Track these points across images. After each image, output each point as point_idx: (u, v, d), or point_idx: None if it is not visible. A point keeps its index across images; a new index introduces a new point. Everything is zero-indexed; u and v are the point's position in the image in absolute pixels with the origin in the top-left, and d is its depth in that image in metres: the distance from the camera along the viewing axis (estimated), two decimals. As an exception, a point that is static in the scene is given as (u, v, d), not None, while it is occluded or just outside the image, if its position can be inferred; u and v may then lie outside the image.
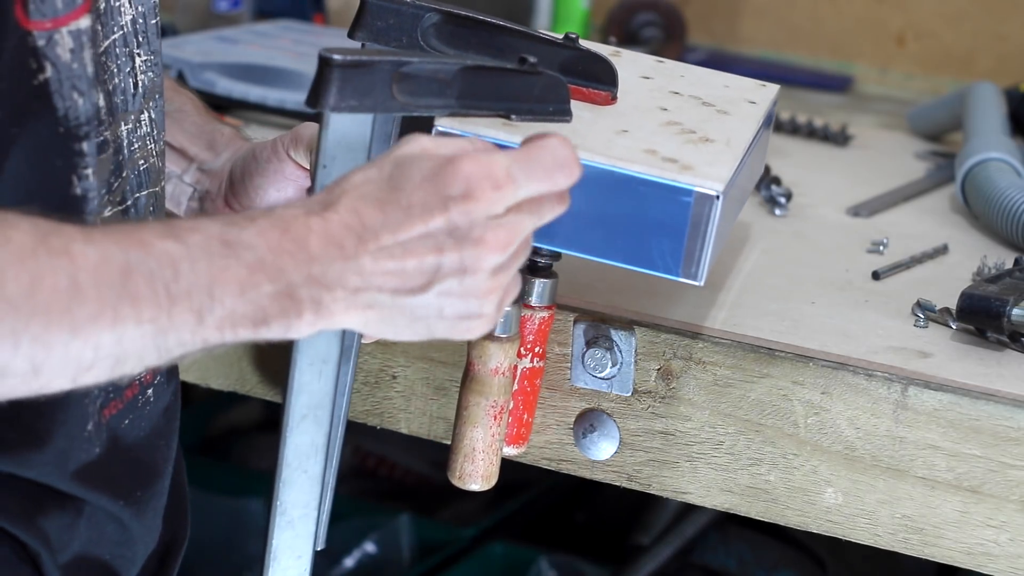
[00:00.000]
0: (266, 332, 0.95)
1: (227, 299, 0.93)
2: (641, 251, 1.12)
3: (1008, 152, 1.64)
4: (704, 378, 1.26)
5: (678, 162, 1.12)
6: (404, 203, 0.98)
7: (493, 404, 1.21)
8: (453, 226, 0.99)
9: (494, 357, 1.21)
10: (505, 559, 2.18)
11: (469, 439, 1.22)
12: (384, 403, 1.35)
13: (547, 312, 1.24)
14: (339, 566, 2.19)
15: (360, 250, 0.97)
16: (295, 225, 0.96)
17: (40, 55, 1.01)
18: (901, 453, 1.21)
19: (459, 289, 1.00)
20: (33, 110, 1.02)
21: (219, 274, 0.93)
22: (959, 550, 1.21)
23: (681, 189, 1.11)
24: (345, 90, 1.04)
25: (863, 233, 1.57)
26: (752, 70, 2.39)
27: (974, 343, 1.27)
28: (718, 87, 1.32)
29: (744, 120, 1.24)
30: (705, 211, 1.11)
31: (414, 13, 1.17)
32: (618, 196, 1.11)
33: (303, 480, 1.14)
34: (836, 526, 1.24)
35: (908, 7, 2.43)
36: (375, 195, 0.98)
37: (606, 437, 1.29)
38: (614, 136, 1.15)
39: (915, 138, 2.03)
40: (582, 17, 2.39)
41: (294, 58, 1.88)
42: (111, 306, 0.90)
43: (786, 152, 1.87)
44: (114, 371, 0.92)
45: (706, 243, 1.11)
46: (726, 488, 1.26)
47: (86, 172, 1.06)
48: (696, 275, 1.12)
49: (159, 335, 0.92)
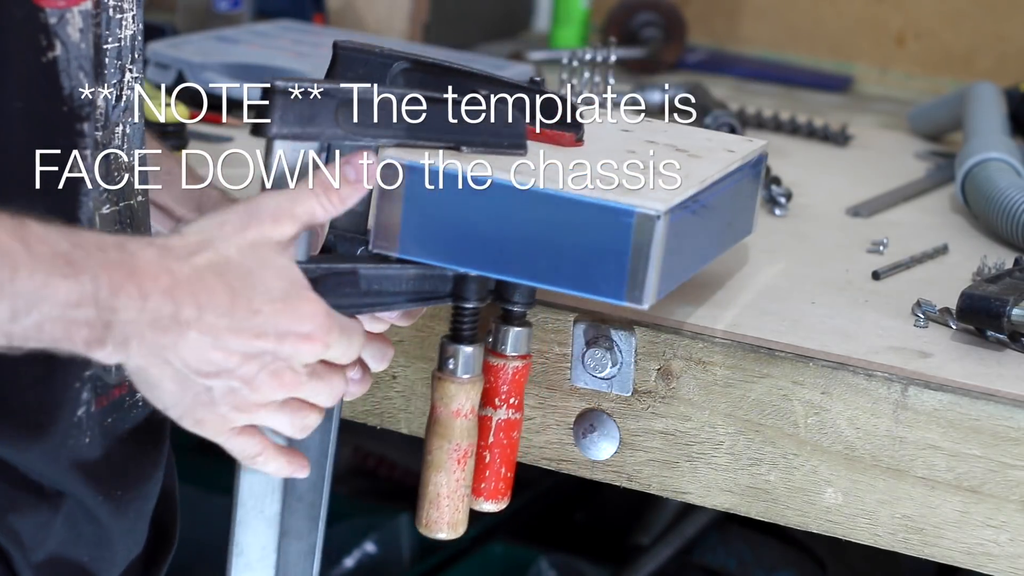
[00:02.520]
0: (64, 348, 0.98)
1: (45, 312, 0.96)
2: (585, 276, 1.11)
3: (1008, 152, 1.64)
4: (704, 378, 1.26)
5: (623, 187, 1.12)
6: (254, 306, 1.02)
7: (456, 447, 1.20)
8: (275, 354, 1.03)
9: (455, 399, 1.19)
10: (505, 559, 2.18)
11: (433, 485, 1.20)
12: (384, 403, 1.35)
13: (521, 362, 1.22)
14: (339, 566, 2.19)
15: (193, 323, 1.00)
16: (144, 270, 0.99)
17: (51, 33, 1.04)
18: (901, 453, 1.21)
19: (230, 392, 1.04)
20: (40, 87, 1.05)
21: (49, 291, 0.96)
22: (959, 550, 1.21)
23: (622, 210, 1.10)
24: (287, 117, 1.07)
25: (863, 233, 1.57)
26: (752, 70, 2.40)
27: (974, 343, 1.27)
28: (700, 139, 1.31)
29: (714, 163, 1.23)
30: (647, 233, 1.09)
31: (383, 62, 1.19)
32: (561, 221, 1.11)
33: (259, 521, 1.15)
34: (836, 526, 1.24)
35: (908, 7, 2.43)
36: (230, 280, 1.02)
37: (606, 437, 1.29)
38: (567, 168, 1.14)
39: (915, 138, 2.03)
40: (582, 17, 2.39)
41: (294, 58, 1.88)
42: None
43: (786, 152, 1.87)
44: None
45: (649, 266, 1.10)
46: (726, 488, 1.26)
47: (85, 152, 1.08)
48: (640, 299, 1.11)
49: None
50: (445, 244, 1.13)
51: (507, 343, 1.21)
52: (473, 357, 1.19)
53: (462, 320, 1.18)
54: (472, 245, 1.12)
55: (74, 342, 0.98)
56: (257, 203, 1.05)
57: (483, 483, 1.23)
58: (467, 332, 1.18)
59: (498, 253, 1.11)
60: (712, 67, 2.39)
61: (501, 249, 1.11)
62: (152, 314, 0.99)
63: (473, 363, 1.19)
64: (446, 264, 1.13)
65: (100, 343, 0.98)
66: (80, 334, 0.97)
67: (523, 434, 1.31)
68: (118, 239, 1.00)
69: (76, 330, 0.97)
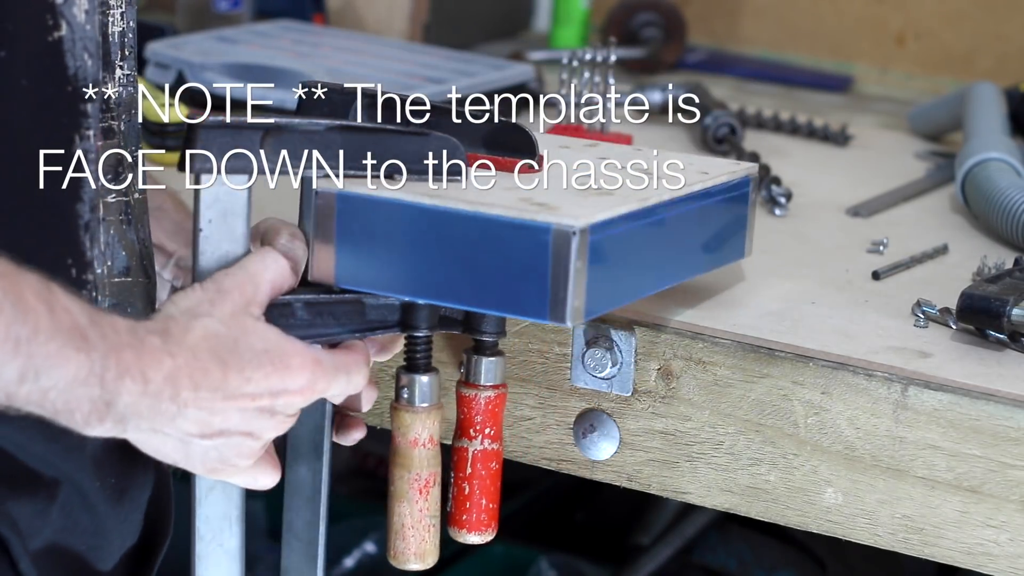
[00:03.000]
0: (61, 419, 1.01)
1: (54, 380, 0.98)
2: (509, 296, 1.11)
3: (1008, 152, 1.64)
4: (704, 378, 1.26)
5: (547, 205, 1.11)
6: (246, 374, 1.05)
7: (416, 477, 1.20)
8: (273, 408, 1.07)
9: (411, 429, 1.19)
10: (505, 559, 2.18)
11: (397, 515, 1.21)
12: (384, 403, 1.35)
13: (495, 391, 1.22)
14: (339, 566, 2.19)
15: (191, 401, 1.04)
16: (149, 357, 1.02)
17: (57, 13, 1.07)
18: (901, 453, 1.21)
19: (235, 447, 1.08)
20: (45, 66, 1.07)
21: (61, 360, 0.98)
22: (959, 550, 1.21)
23: (539, 228, 1.09)
24: (212, 152, 1.07)
25: (863, 233, 1.57)
26: (752, 70, 2.40)
27: (974, 343, 1.27)
28: (676, 163, 1.29)
29: (673, 183, 1.22)
30: (564, 249, 1.08)
31: (344, 100, 1.19)
32: (482, 241, 1.10)
33: (219, 554, 1.16)
34: (836, 526, 1.24)
35: (908, 7, 2.43)
36: (221, 355, 1.05)
37: (606, 437, 1.29)
38: (500, 192, 1.14)
39: (915, 138, 2.02)
40: (582, 17, 2.39)
41: (294, 58, 1.88)
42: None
43: (786, 152, 1.87)
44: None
45: (569, 282, 1.09)
46: (726, 488, 1.26)
47: (88, 133, 1.10)
48: (563, 316, 1.09)
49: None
50: (378, 273, 1.12)
51: (480, 374, 1.22)
52: (429, 386, 1.19)
53: (415, 348, 1.19)
54: (402, 272, 1.12)
55: (73, 416, 1.00)
56: (220, 280, 1.08)
57: (464, 515, 1.23)
58: (421, 360, 1.19)
59: (427, 279, 1.11)
60: (712, 67, 2.38)
61: (429, 275, 1.11)
62: (152, 397, 1.02)
63: (429, 392, 1.19)
64: (382, 292, 1.13)
65: (99, 420, 1.01)
66: (81, 409, 1.00)
67: (523, 434, 1.32)
68: (130, 323, 1.03)
69: (77, 405, 0.99)
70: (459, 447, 1.22)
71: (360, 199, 1.12)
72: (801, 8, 2.49)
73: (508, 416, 1.32)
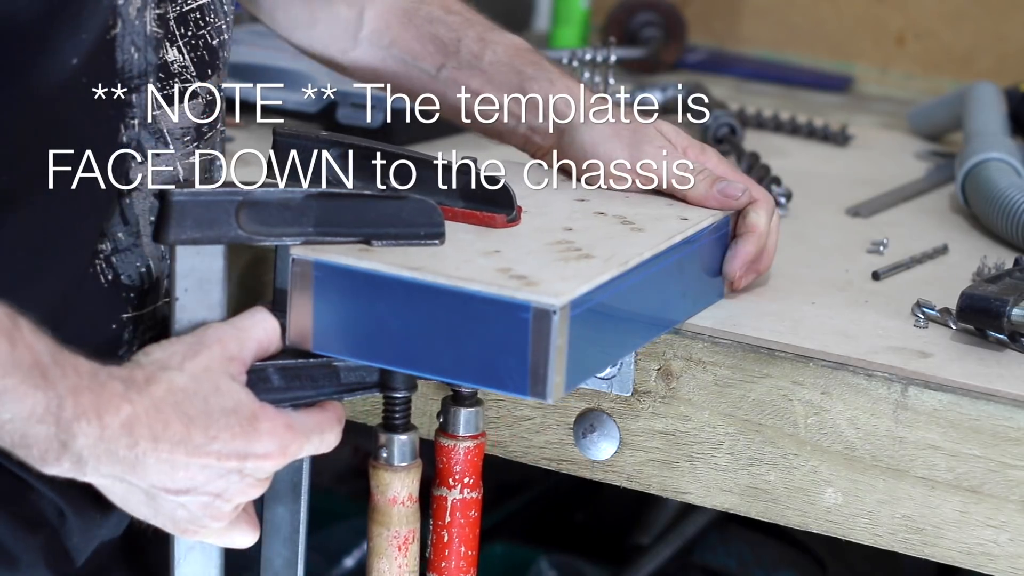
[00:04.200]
0: (19, 453, 1.01)
1: (9, 415, 0.99)
2: (489, 371, 1.09)
3: (1008, 152, 1.64)
4: (704, 378, 1.26)
5: (526, 279, 1.09)
6: (212, 432, 1.05)
7: (396, 535, 1.20)
8: (242, 471, 1.07)
9: (391, 487, 1.20)
10: (505, 559, 2.18)
11: (376, 572, 1.21)
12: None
13: (473, 442, 1.22)
14: (339, 566, 2.19)
15: (150, 451, 1.03)
16: (107, 402, 1.02)
17: (116, 12, 1.11)
18: (901, 453, 1.21)
19: (205, 506, 1.07)
20: (101, 62, 1.11)
21: (18, 396, 0.99)
22: (959, 550, 1.21)
23: (519, 305, 1.07)
24: (184, 223, 1.08)
25: (863, 233, 1.57)
26: (752, 70, 2.40)
27: (974, 343, 1.27)
28: (656, 208, 1.29)
29: (654, 237, 1.21)
30: (545, 327, 1.07)
31: (318, 147, 1.20)
32: (461, 316, 1.09)
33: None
34: (836, 526, 1.24)
35: (908, 7, 2.43)
36: (186, 409, 1.04)
37: (606, 437, 1.29)
38: (478, 257, 1.13)
39: (915, 138, 2.03)
40: (582, 17, 2.39)
41: (294, 58, 1.88)
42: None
43: (786, 152, 1.87)
44: None
45: (550, 361, 1.07)
46: (726, 488, 1.26)
47: (132, 122, 1.14)
48: (544, 393, 1.08)
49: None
50: (356, 341, 1.12)
51: (458, 424, 1.22)
52: (407, 444, 1.19)
53: (393, 409, 1.19)
54: (381, 342, 1.11)
55: (30, 451, 1.01)
56: (204, 332, 1.09)
57: (443, 562, 1.24)
58: (399, 420, 1.19)
59: (406, 350, 1.10)
60: (712, 67, 2.39)
61: (408, 345, 1.10)
62: (108, 444, 1.02)
63: (408, 450, 1.20)
64: (358, 360, 1.13)
65: (56, 459, 1.01)
66: (38, 445, 1.00)
67: (523, 434, 1.32)
68: (93, 366, 1.03)
69: (34, 440, 1.00)
70: (438, 495, 1.23)
71: (337, 268, 1.11)
72: (801, 8, 2.49)
73: (508, 416, 1.32)
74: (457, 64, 1.36)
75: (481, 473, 1.24)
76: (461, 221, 1.19)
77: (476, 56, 1.36)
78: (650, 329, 1.24)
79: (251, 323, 1.10)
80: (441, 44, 1.37)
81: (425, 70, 1.37)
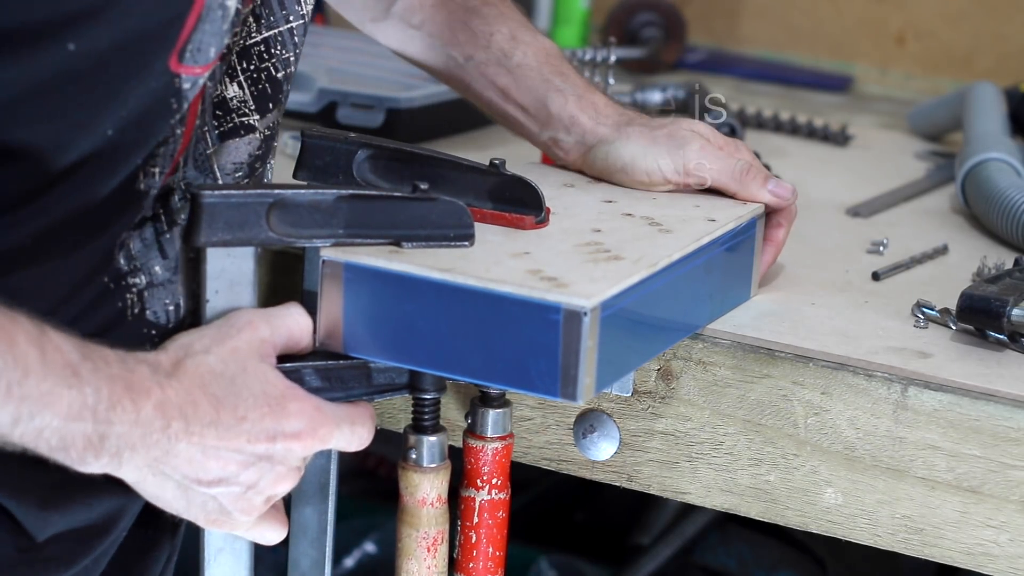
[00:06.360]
0: (57, 457, 1.01)
1: (47, 420, 0.99)
2: (519, 372, 1.09)
3: (1008, 152, 1.64)
4: (704, 378, 1.26)
5: (556, 280, 1.09)
6: (240, 413, 1.05)
7: (425, 536, 1.20)
8: (271, 454, 1.07)
9: (420, 488, 1.20)
10: (505, 559, 2.18)
11: (405, 572, 1.21)
12: (384, 403, 1.35)
13: (501, 443, 1.23)
14: (339, 566, 2.19)
15: (182, 435, 1.04)
16: (139, 386, 1.02)
17: (182, 96, 1.08)
18: (901, 453, 1.21)
19: (236, 498, 1.08)
20: (168, 142, 1.10)
21: (54, 399, 0.99)
22: (959, 550, 1.21)
23: (549, 307, 1.07)
24: (215, 225, 1.08)
25: (863, 233, 1.57)
26: (752, 70, 2.40)
27: (974, 343, 1.27)
28: (684, 209, 1.29)
29: (682, 238, 1.21)
30: (575, 329, 1.07)
31: (347, 149, 1.20)
32: (492, 317, 1.09)
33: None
34: (836, 526, 1.24)
35: (908, 7, 2.43)
36: (214, 391, 1.05)
37: (606, 437, 1.29)
38: (507, 258, 1.13)
39: (915, 138, 2.02)
40: (582, 17, 2.39)
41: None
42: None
43: (786, 152, 1.87)
44: None
45: (580, 361, 1.07)
46: (726, 488, 1.26)
47: (153, 170, 1.10)
48: (574, 395, 1.08)
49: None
50: (386, 342, 1.12)
51: (486, 425, 1.22)
52: (437, 446, 1.20)
53: (422, 410, 1.19)
54: (411, 343, 1.12)
55: (68, 453, 1.01)
56: (234, 315, 1.09)
57: (471, 563, 1.25)
58: (428, 422, 1.19)
59: (436, 351, 1.11)
60: (712, 67, 2.38)
61: (438, 347, 1.10)
62: (144, 427, 1.02)
63: (437, 452, 1.20)
64: (388, 361, 1.13)
65: (95, 455, 1.01)
66: (76, 445, 1.01)
67: (523, 434, 1.32)
68: (120, 355, 1.03)
69: (72, 441, 1.00)
70: (466, 496, 1.24)
71: (367, 270, 1.11)
72: (801, 8, 2.49)
73: (508, 416, 1.32)
74: (486, 58, 1.35)
75: (509, 474, 1.24)
76: (490, 223, 1.19)
77: (506, 55, 1.35)
78: (678, 330, 1.24)
79: (284, 312, 1.10)
80: (472, 35, 1.36)
81: (453, 56, 1.37)
